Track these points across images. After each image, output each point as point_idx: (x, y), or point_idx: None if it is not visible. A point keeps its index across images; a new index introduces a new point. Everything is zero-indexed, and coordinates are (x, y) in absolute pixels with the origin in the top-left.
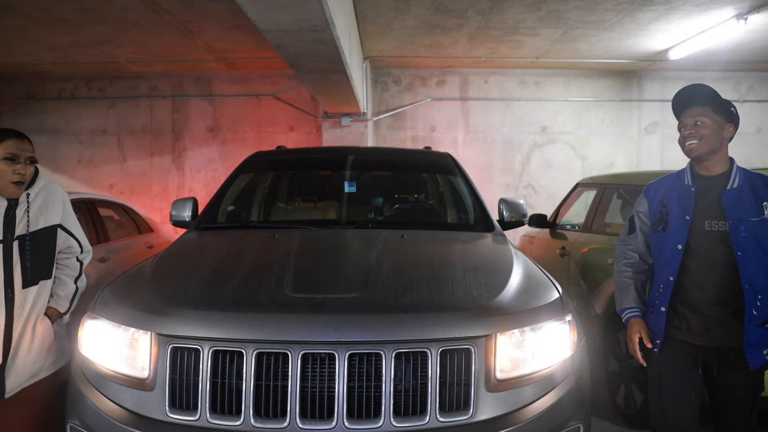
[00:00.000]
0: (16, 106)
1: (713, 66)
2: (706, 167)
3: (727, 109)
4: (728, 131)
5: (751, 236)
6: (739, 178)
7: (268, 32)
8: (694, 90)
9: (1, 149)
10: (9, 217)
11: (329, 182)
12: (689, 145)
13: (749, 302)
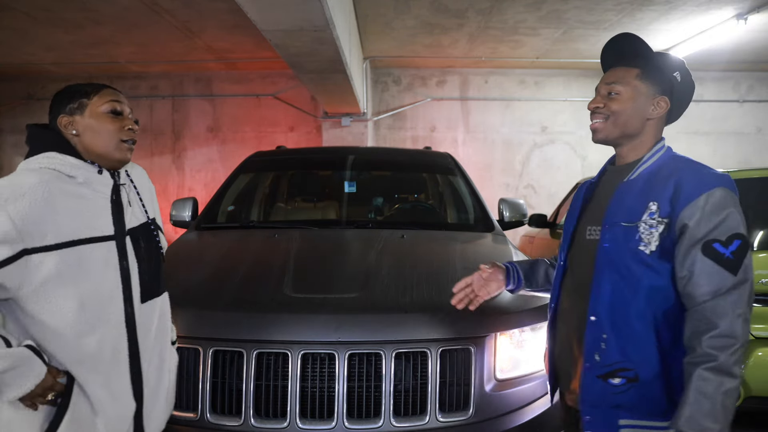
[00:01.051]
0: (16, 105)
1: (713, 66)
2: (621, 154)
3: (664, 75)
4: (657, 107)
5: (614, 248)
6: (650, 166)
7: (268, 32)
8: (619, 42)
9: (100, 99)
10: (116, 202)
11: (329, 182)
12: (592, 123)
13: (591, 342)
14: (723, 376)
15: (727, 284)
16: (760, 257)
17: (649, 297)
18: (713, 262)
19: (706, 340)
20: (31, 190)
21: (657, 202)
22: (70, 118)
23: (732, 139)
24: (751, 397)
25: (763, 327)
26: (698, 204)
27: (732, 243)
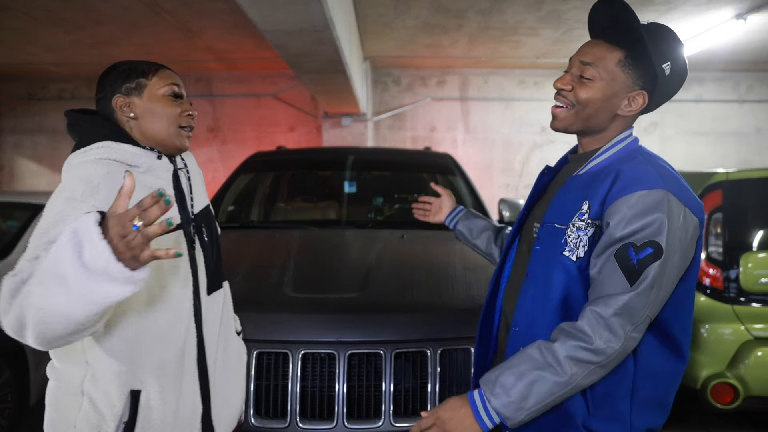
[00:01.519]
0: (16, 106)
1: (713, 66)
2: (581, 144)
3: (652, 67)
4: (633, 102)
5: (541, 252)
6: (603, 160)
7: (268, 32)
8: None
9: (160, 81)
10: (177, 188)
11: (329, 182)
12: (554, 107)
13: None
14: (551, 360)
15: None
16: (760, 257)
17: (570, 308)
18: (618, 266)
19: (565, 325)
20: (105, 182)
21: (588, 202)
22: (126, 99)
23: (732, 139)
24: (751, 397)
25: (763, 327)
26: (625, 203)
27: (643, 250)
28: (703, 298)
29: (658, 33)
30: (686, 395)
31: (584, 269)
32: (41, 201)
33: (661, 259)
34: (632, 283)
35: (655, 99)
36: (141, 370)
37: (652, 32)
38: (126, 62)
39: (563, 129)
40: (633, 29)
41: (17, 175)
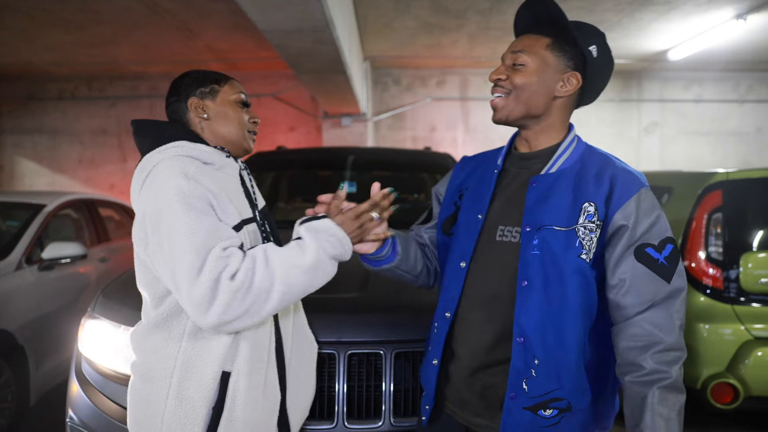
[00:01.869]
0: (16, 106)
1: (713, 66)
2: (526, 140)
3: (579, 48)
4: (568, 83)
5: (547, 258)
6: (568, 158)
7: (268, 32)
8: (533, 6)
9: (231, 89)
10: (244, 187)
11: (329, 182)
12: (492, 100)
13: (518, 367)
14: (678, 394)
15: (662, 293)
16: (760, 257)
17: (582, 313)
18: (647, 268)
19: (655, 356)
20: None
21: (594, 203)
22: (200, 102)
23: (732, 139)
24: (751, 397)
25: (763, 327)
26: (632, 204)
27: (665, 248)
28: (703, 298)
29: (580, 24)
30: (686, 395)
31: (592, 270)
32: (41, 201)
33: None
34: (669, 281)
35: (589, 83)
36: (233, 353)
37: (575, 23)
38: (200, 70)
39: (504, 119)
40: (558, 19)
41: (17, 175)
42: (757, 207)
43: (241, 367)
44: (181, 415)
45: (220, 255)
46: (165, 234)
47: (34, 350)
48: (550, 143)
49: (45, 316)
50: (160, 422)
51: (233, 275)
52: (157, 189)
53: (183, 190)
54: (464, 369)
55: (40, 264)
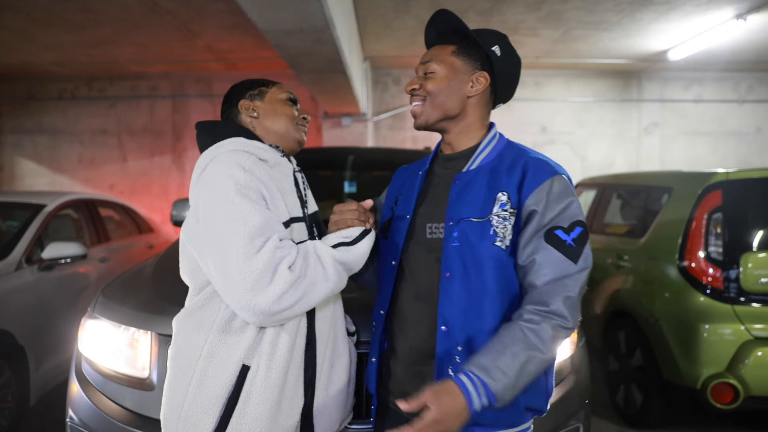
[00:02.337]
0: (16, 106)
1: (713, 66)
2: (449, 143)
3: (482, 50)
4: (477, 83)
5: (465, 248)
6: (488, 155)
7: (268, 32)
8: (435, 20)
9: (278, 90)
10: (296, 185)
11: (329, 182)
12: (412, 108)
13: (443, 355)
14: (537, 341)
15: (568, 273)
16: (760, 257)
17: (500, 299)
18: (555, 249)
19: (534, 308)
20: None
21: (506, 192)
22: (250, 103)
23: (732, 139)
24: (751, 397)
25: (763, 327)
26: (544, 189)
27: (574, 230)
28: (703, 298)
29: (482, 29)
30: (686, 395)
31: (510, 256)
32: (41, 201)
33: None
34: (576, 261)
35: (501, 82)
36: (256, 348)
37: (477, 30)
38: (249, 78)
39: (424, 123)
40: (459, 28)
41: (17, 175)
42: (757, 207)
43: (260, 363)
44: (199, 402)
45: (278, 245)
46: (219, 220)
47: (34, 350)
48: (471, 143)
49: (45, 316)
50: (180, 406)
51: (291, 266)
52: (214, 179)
53: (239, 180)
54: (403, 363)
55: (40, 264)
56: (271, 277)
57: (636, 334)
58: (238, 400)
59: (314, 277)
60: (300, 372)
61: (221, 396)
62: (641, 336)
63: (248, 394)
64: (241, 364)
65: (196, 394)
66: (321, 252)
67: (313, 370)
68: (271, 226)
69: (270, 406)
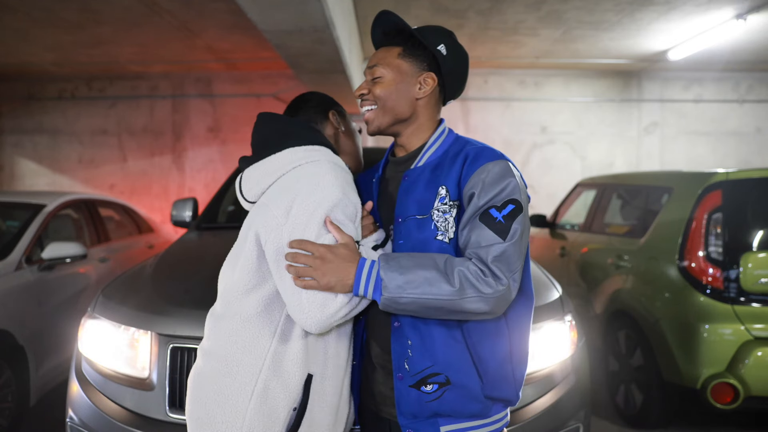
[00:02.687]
0: (16, 106)
1: (713, 66)
2: (402, 145)
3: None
4: (424, 84)
5: (409, 245)
6: (436, 151)
7: (268, 32)
8: (379, 21)
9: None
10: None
11: None
12: (364, 114)
13: (398, 350)
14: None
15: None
16: (760, 257)
17: None
18: (486, 227)
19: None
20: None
21: (446, 186)
22: (338, 117)
23: (732, 139)
24: (751, 397)
25: (763, 327)
26: (480, 174)
27: (506, 207)
28: (702, 298)
29: (427, 28)
30: (686, 395)
31: (456, 249)
32: (41, 201)
33: (522, 213)
34: (504, 238)
35: (449, 80)
36: (319, 356)
37: (421, 30)
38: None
39: (377, 129)
40: (402, 29)
41: (17, 175)
42: (757, 207)
43: (324, 371)
44: (263, 414)
45: None
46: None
47: (34, 350)
48: (420, 143)
49: (45, 316)
50: (241, 419)
51: None
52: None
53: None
54: (377, 365)
55: (40, 264)
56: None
57: (636, 334)
58: (306, 408)
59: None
60: (348, 376)
61: (286, 406)
62: (641, 336)
63: (313, 402)
64: (307, 372)
65: (259, 406)
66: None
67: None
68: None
69: (332, 413)
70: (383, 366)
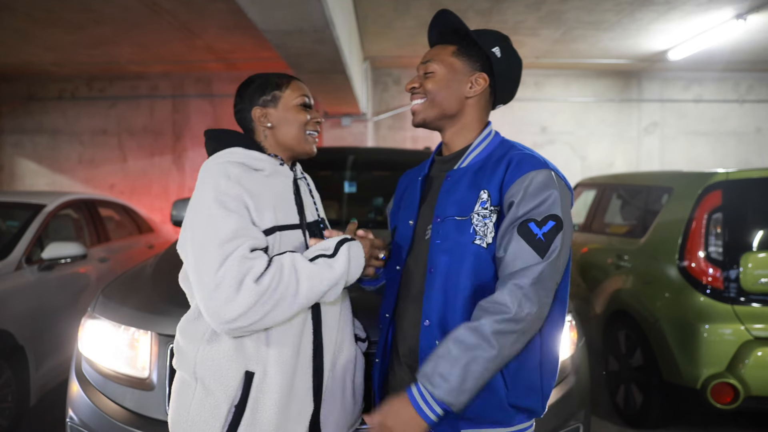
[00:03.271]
0: (16, 106)
1: (713, 66)
2: (446, 143)
3: (482, 51)
4: (476, 84)
5: (447, 245)
6: (480, 153)
7: (268, 32)
8: (437, 20)
9: (292, 93)
10: (297, 194)
11: (329, 182)
12: (412, 106)
13: (426, 350)
14: (479, 339)
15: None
16: (760, 257)
17: (478, 295)
18: (525, 242)
19: (483, 302)
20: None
21: (488, 190)
22: (264, 110)
23: (732, 139)
24: (751, 397)
25: (763, 327)
26: (523, 183)
27: (546, 223)
28: (702, 298)
29: (482, 30)
30: (686, 395)
31: (493, 254)
32: (41, 201)
33: (562, 230)
34: (543, 256)
35: (500, 83)
36: (258, 354)
37: (477, 31)
38: (262, 75)
39: (422, 121)
40: (458, 29)
41: (17, 175)
42: (757, 207)
43: (266, 370)
44: (205, 409)
45: (246, 255)
46: (196, 228)
47: (34, 350)
48: (465, 143)
49: (45, 316)
50: (186, 412)
51: (258, 278)
52: (199, 188)
53: (220, 188)
54: (404, 364)
55: (40, 264)
56: (237, 289)
57: (636, 334)
58: (246, 406)
59: (286, 291)
60: (309, 378)
61: (225, 402)
62: (641, 336)
63: (256, 401)
64: (244, 370)
65: (202, 400)
66: (299, 265)
67: (319, 377)
68: (246, 234)
69: (278, 412)
70: (410, 365)
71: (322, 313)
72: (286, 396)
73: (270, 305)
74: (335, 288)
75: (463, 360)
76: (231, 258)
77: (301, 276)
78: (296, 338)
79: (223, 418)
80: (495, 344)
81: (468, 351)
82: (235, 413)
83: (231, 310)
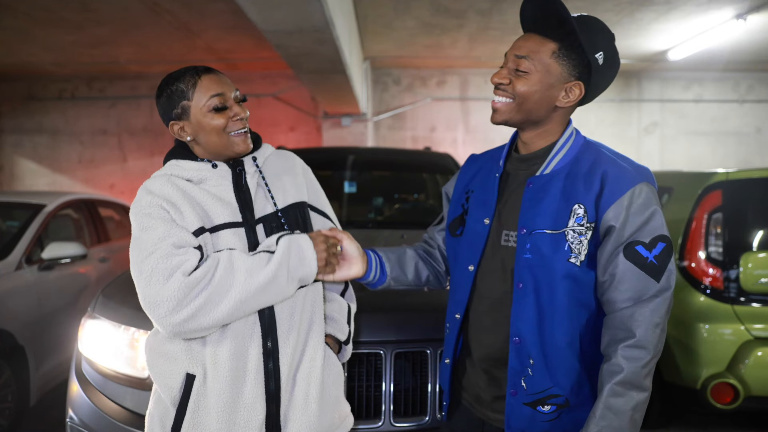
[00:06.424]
0: (16, 106)
1: (713, 66)
2: (525, 142)
3: (585, 57)
4: (570, 93)
5: (537, 261)
6: (564, 157)
7: (268, 32)
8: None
9: (200, 97)
10: (242, 190)
11: (329, 182)
12: (494, 102)
13: (515, 366)
14: (633, 390)
15: (649, 291)
16: (760, 257)
17: (575, 312)
18: (635, 266)
19: (621, 350)
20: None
21: (583, 206)
22: (179, 124)
23: (732, 139)
24: (751, 397)
25: (763, 327)
26: (623, 203)
27: (656, 246)
28: (703, 298)
29: (589, 24)
30: (686, 395)
31: (585, 272)
32: (41, 201)
33: (672, 253)
34: (659, 280)
35: (591, 89)
36: (200, 357)
37: (583, 24)
38: (170, 81)
39: (503, 121)
40: (564, 21)
41: (17, 175)
42: (757, 207)
43: (207, 372)
44: (160, 406)
45: (173, 252)
46: (131, 241)
47: (34, 350)
48: (546, 144)
49: (45, 316)
50: (148, 411)
51: (189, 272)
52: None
53: (142, 202)
54: (478, 367)
55: (40, 264)
56: (165, 283)
57: None
58: (186, 409)
59: (220, 285)
60: (258, 383)
61: (172, 405)
62: None
63: (197, 404)
64: (185, 372)
65: (157, 400)
66: (236, 260)
67: (276, 381)
68: (172, 234)
69: (220, 417)
70: (487, 371)
71: (276, 315)
72: (231, 401)
73: (203, 299)
74: (275, 283)
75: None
76: (156, 253)
77: (237, 270)
78: (240, 341)
79: (171, 418)
80: (647, 386)
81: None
82: (176, 415)
83: (161, 305)
